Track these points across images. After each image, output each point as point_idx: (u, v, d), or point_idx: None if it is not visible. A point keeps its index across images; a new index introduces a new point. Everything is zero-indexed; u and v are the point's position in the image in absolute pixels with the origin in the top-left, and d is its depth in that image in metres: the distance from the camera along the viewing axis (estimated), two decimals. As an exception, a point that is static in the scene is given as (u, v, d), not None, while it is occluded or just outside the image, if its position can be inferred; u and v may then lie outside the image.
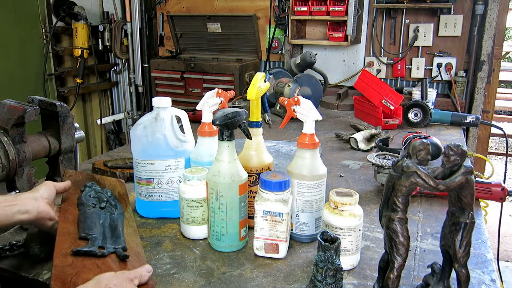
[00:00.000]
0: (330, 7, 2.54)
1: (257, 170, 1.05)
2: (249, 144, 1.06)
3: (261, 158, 1.06)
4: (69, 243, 0.82)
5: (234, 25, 3.09)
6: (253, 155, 1.05)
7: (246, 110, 0.98)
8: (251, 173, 1.04)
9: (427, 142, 0.71)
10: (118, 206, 1.02)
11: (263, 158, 1.06)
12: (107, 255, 0.82)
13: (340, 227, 0.88)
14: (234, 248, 0.98)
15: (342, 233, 0.88)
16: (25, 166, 1.17)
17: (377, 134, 1.79)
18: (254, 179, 1.05)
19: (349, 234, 0.89)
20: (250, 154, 1.06)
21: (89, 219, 0.90)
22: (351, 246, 0.90)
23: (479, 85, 2.49)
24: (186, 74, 3.05)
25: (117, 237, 0.88)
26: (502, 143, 5.30)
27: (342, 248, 0.88)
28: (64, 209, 0.95)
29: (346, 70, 2.88)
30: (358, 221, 0.89)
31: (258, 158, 1.06)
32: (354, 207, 0.90)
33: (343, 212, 0.89)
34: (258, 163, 1.05)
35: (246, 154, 1.06)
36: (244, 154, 1.06)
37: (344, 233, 0.88)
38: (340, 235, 0.88)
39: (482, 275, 0.90)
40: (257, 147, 1.06)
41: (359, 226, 0.90)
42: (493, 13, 2.39)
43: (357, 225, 0.89)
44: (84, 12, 3.25)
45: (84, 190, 1.03)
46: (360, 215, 0.90)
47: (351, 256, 0.91)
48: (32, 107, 1.18)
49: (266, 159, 1.07)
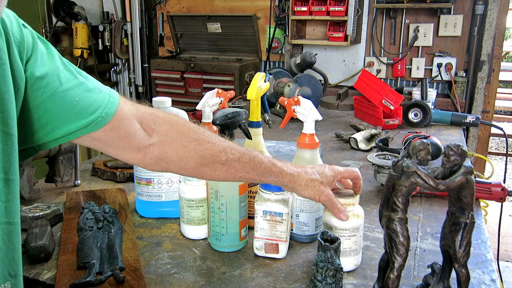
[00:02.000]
0: (330, 7, 2.54)
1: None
2: (249, 144, 1.06)
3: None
4: (69, 276, 0.85)
5: (234, 25, 3.09)
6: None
7: (246, 110, 0.98)
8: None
9: (427, 142, 0.71)
10: (116, 222, 1.05)
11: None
12: (105, 281, 0.84)
13: (345, 228, 0.87)
14: (234, 248, 0.98)
15: (347, 234, 0.87)
16: (25, 166, 1.17)
17: (377, 134, 1.79)
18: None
19: (354, 234, 0.88)
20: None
21: (86, 246, 0.94)
22: (356, 246, 0.89)
23: (479, 85, 2.49)
24: (186, 74, 3.05)
25: (115, 258, 0.91)
26: (502, 143, 5.30)
27: (348, 249, 0.88)
28: (64, 239, 0.99)
29: (346, 70, 2.88)
30: (361, 221, 0.89)
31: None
32: (355, 207, 0.89)
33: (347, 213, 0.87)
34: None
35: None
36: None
37: (349, 234, 0.88)
38: (345, 236, 0.87)
39: (482, 275, 0.90)
40: (257, 147, 1.06)
41: (362, 225, 0.89)
42: (493, 13, 2.39)
43: (360, 224, 0.89)
44: (84, 12, 3.25)
45: (82, 213, 1.09)
46: (362, 215, 0.90)
47: (355, 256, 0.90)
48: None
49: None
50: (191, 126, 0.78)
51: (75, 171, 1.35)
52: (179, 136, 0.76)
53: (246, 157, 0.79)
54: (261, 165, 0.80)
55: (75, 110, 0.66)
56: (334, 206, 0.83)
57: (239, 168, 0.78)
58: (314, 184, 0.82)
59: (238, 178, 0.81)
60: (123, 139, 0.71)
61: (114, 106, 0.69)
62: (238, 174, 0.79)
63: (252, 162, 0.79)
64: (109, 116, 0.69)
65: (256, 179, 0.82)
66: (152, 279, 0.88)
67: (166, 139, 0.75)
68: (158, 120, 0.75)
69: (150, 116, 0.75)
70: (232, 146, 0.79)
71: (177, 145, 0.75)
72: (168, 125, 0.76)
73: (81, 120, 0.66)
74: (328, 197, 0.82)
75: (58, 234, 1.04)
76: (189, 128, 0.77)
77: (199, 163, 0.77)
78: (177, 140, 0.75)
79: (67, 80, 0.66)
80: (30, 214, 1.06)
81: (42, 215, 1.07)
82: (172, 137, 0.75)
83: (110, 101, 0.69)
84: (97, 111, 0.67)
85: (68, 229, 1.04)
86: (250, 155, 0.80)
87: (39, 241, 0.92)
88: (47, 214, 1.08)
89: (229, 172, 0.79)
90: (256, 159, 0.79)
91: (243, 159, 0.78)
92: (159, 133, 0.74)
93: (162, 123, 0.75)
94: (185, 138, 0.76)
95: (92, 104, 0.67)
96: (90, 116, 0.67)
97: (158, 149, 0.75)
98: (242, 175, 0.80)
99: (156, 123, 0.75)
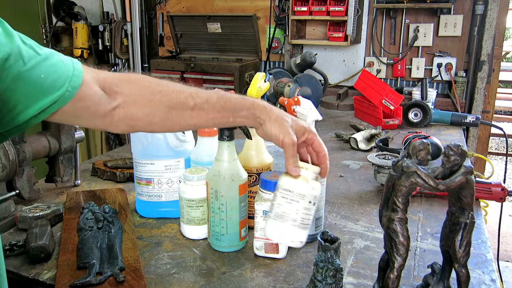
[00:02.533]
0: (330, 7, 2.54)
1: (257, 170, 1.05)
2: (249, 144, 1.06)
3: (261, 158, 1.06)
4: (69, 276, 0.85)
5: (234, 25, 3.09)
6: (253, 155, 1.05)
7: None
8: (251, 173, 1.04)
9: (427, 142, 0.71)
10: (116, 222, 1.05)
11: (263, 158, 1.06)
12: (104, 281, 0.84)
13: (289, 189, 0.77)
14: (234, 248, 0.98)
15: (290, 197, 0.77)
16: (25, 166, 1.17)
17: (377, 134, 1.79)
18: (254, 179, 1.05)
19: (297, 200, 0.77)
20: (250, 154, 1.06)
21: (86, 246, 0.94)
22: (296, 215, 0.77)
23: (479, 85, 2.49)
24: (186, 74, 3.05)
25: (114, 258, 0.91)
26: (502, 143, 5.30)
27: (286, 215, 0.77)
28: (64, 239, 0.99)
29: (346, 70, 2.88)
30: (311, 190, 0.77)
31: (258, 158, 1.06)
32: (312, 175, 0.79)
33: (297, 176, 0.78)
34: (258, 163, 1.05)
35: (246, 154, 1.06)
36: (244, 154, 1.06)
37: (291, 196, 0.76)
38: (286, 198, 0.77)
39: (482, 275, 0.90)
40: (257, 147, 1.06)
41: (310, 197, 0.77)
42: (493, 13, 2.39)
43: (309, 194, 0.77)
44: (84, 12, 3.25)
45: (82, 213, 1.09)
46: (315, 186, 0.78)
47: (293, 227, 0.77)
48: (32, 107, 1.18)
49: (266, 159, 1.07)
50: (153, 80, 0.78)
51: (75, 171, 1.35)
52: (143, 92, 0.76)
53: (215, 97, 0.78)
54: (231, 100, 0.78)
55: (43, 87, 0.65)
56: (290, 155, 0.77)
57: (209, 109, 0.77)
58: (283, 123, 0.78)
59: (210, 121, 0.79)
60: (89, 108, 0.71)
61: (79, 78, 0.69)
62: (209, 116, 0.78)
63: (221, 100, 0.78)
64: (75, 88, 0.68)
65: (229, 118, 0.79)
66: (152, 279, 0.88)
67: (130, 98, 0.75)
68: (119, 82, 0.75)
69: (111, 80, 0.75)
70: (199, 90, 0.78)
71: (142, 101, 0.75)
72: (130, 84, 0.76)
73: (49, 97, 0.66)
74: (292, 140, 0.77)
75: (58, 234, 1.04)
76: (151, 82, 0.77)
77: (167, 114, 0.76)
78: (141, 97, 0.75)
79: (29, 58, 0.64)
80: (30, 214, 1.06)
81: (42, 215, 1.07)
82: (136, 95, 0.75)
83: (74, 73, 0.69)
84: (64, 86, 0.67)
85: (68, 229, 1.04)
86: (218, 94, 0.79)
87: (39, 241, 0.92)
88: (47, 214, 1.08)
89: (200, 116, 0.77)
90: (225, 97, 0.79)
91: (212, 99, 0.77)
92: (122, 94, 0.74)
93: (124, 84, 0.75)
94: (149, 92, 0.76)
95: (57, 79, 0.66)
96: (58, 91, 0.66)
97: (123, 110, 0.75)
98: (213, 115, 0.78)
99: (119, 85, 0.75)
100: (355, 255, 0.98)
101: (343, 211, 1.20)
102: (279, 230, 0.77)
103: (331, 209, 1.21)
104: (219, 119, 0.79)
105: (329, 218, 1.15)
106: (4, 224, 1.07)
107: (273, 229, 0.78)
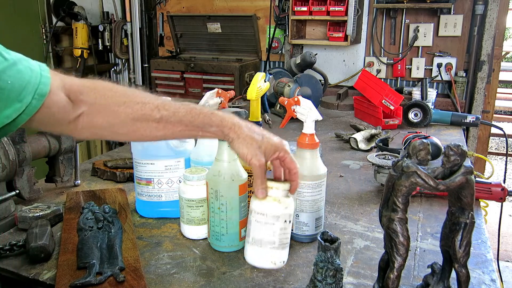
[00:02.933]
0: (330, 7, 2.54)
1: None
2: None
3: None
4: (69, 276, 0.85)
5: (234, 25, 3.09)
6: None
7: (246, 110, 0.98)
8: (251, 173, 1.04)
9: (427, 142, 0.71)
10: (116, 222, 1.05)
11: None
12: (104, 281, 0.84)
13: (261, 212, 0.76)
14: (234, 248, 0.98)
15: (264, 220, 0.76)
16: (25, 166, 1.17)
17: (377, 134, 1.79)
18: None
19: (273, 223, 0.76)
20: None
21: (86, 246, 0.94)
22: (274, 238, 0.76)
23: (479, 85, 2.49)
24: (186, 74, 3.05)
25: (114, 258, 0.91)
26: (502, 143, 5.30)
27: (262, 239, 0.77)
28: (64, 239, 0.99)
29: (346, 70, 2.88)
30: (283, 210, 0.76)
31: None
32: (283, 193, 0.78)
33: (268, 198, 0.77)
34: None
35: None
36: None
37: (265, 220, 0.76)
38: (261, 222, 0.76)
39: (482, 275, 0.90)
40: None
41: (285, 216, 0.77)
42: (493, 13, 2.39)
43: (282, 214, 0.76)
44: (84, 12, 3.25)
45: (82, 213, 1.09)
46: (288, 205, 0.77)
47: (272, 250, 0.77)
48: (32, 107, 1.18)
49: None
50: (120, 90, 0.77)
51: (75, 171, 1.35)
52: (108, 102, 0.75)
53: (183, 110, 0.76)
54: (199, 116, 0.76)
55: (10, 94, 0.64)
56: (258, 176, 0.75)
57: (176, 122, 0.76)
58: (252, 143, 0.75)
59: (178, 134, 0.78)
60: (54, 115, 0.71)
61: (47, 86, 0.68)
62: (177, 129, 0.76)
63: (189, 115, 0.76)
64: (43, 96, 0.68)
65: (198, 132, 0.78)
66: (152, 279, 0.88)
67: (95, 107, 0.75)
68: (85, 89, 0.75)
69: (77, 87, 0.74)
70: (166, 102, 0.76)
71: (107, 111, 0.75)
72: (95, 93, 0.75)
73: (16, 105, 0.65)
74: (260, 162, 0.75)
75: (58, 234, 1.04)
76: (117, 92, 0.76)
77: (132, 126, 0.76)
78: (105, 106, 0.75)
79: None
80: (30, 214, 1.06)
81: (42, 215, 1.07)
82: (101, 104, 0.75)
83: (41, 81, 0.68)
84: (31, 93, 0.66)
85: (68, 229, 1.04)
86: (187, 107, 0.76)
87: (39, 241, 0.92)
88: (47, 214, 1.08)
89: (166, 128, 0.76)
90: (194, 111, 0.76)
91: (179, 113, 0.76)
92: (86, 103, 0.74)
93: (89, 92, 0.75)
94: (114, 103, 0.75)
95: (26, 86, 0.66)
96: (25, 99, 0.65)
97: (87, 118, 0.75)
98: (181, 128, 0.76)
99: (84, 93, 0.74)
100: (355, 255, 0.98)
101: (343, 211, 1.20)
102: (259, 254, 0.78)
103: (331, 209, 1.21)
104: (187, 132, 0.78)
105: (329, 218, 1.16)
106: (4, 224, 1.07)
107: (253, 254, 0.78)
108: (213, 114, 0.77)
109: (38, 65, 0.70)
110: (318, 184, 0.98)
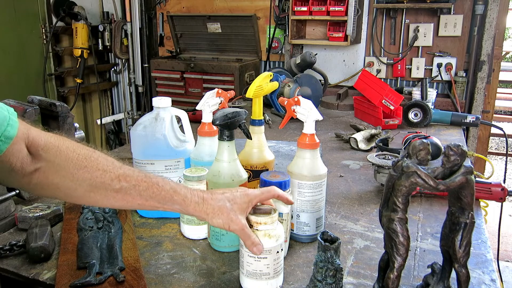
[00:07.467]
0: (330, 7, 2.54)
1: (257, 168, 1.06)
2: (251, 144, 1.07)
3: (263, 156, 1.07)
4: (69, 276, 0.85)
5: (234, 25, 3.09)
6: (255, 153, 1.06)
7: (246, 110, 0.98)
8: (252, 169, 1.05)
9: (427, 142, 0.71)
10: (116, 222, 1.05)
11: (265, 156, 1.07)
12: (104, 281, 0.84)
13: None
14: (234, 248, 0.98)
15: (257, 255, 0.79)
16: (25, 166, 1.17)
17: (377, 134, 1.79)
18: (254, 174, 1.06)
19: (265, 256, 0.79)
20: (252, 152, 1.07)
21: (86, 246, 0.94)
22: (268, 270, 0.80)
23: (479, 85, 2.49)
24: (186, 74, 3.05)
25: (114, 258, 0.91)
26: (502, 143, 5.30)
27: (257, 272, 0.80)
28: (64, 239, 1.00)
29: (346, 70, 2.88)
30: (275, 242, 0.80)
31: (261, 155, 1.06)
32: (272, 226, 0.80)
33: (258, 232, 0.79)
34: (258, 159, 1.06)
35: (248, 152, 1.07)
36: (246, 152, 1.07)
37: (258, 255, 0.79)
38: (254, 257, 0.80)
39: (482, 275, 0.90)
40: (259, 146, 1.07)
41: (277, 248, 0.80)
42: (493, 13, 2.39)
43: (274, 246, 0.80)
44: (84, 12, 3.25)
45: (82, 213, 1.09)
46: (278, 236, 0.80)
47: (268, 280, 0.81)
48: (32, 107, 1.18)
49: (268, 156, 1.08)
50: (83, 153, 0.74)
51: (75, 171, 1.35)
52: (67, 164, 0.72)
53: (144, 185, 0.75)
54: (161, 192, 0.76)
55: None
56: (246, 237, 0.76)
57: (135, 195, 0.75)
58: (223, 212, 0.76)
59: (137, 206, 0.78)
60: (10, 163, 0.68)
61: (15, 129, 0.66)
62: (136, 202, 0.76)
63: (150, 190, 0.75)
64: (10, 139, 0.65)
65: (159, 207, 0.77)
66: (152, 279, 0.88)
67: (53, 166, 0.72)
68: (47, 145, 0.72)
69: (40, 141, 0.71)
70: (128, 174, 0.75)
71: (64, 173, 0.72)
72: (57, 151, 0.72)
73: None
74: (239, 226, 0.76)
75: (58, 234, 1.04)
76: (80, 155, 0.73)
77: (89, 191, 0.74)
78: (64, 168, 0.72)
79: None
80: (30, 214, 1.06)
81: (42, 215, 1.07)
82: (60, 165, 0.72)
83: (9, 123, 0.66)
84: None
85: (68, 229, 1.04)
86: (149, 182, 0.75)
87: (39, 241, 0.92)
88: (47, 214, 1.08)
89: (125, 199, 0.75)
90: (155, 186, 0.75)
91: (140, 186, 0.75)
92: (45, 160, 0.71)
93: (51, 149, 0.72)
94: (74, 165, 0.72)
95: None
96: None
97: (43, 176, 0.72)
98: (140, 202, 0.76)
99: (45, 149, 0.71)
100: (355, 255, 0.98)
101: (343, 211, 1.20)
102: (256, 286, 0.81)
103: (331, 209, 1.21)
104: (146, 206, 0.77)
105: (329, 218, 1.15)
106: (4, 224, 1.07)
107: (250, 286, 0.82)
108: (176, 192, 0.76)
109: (7, 110, 0.67)
110: (318, 184, 0.98)
